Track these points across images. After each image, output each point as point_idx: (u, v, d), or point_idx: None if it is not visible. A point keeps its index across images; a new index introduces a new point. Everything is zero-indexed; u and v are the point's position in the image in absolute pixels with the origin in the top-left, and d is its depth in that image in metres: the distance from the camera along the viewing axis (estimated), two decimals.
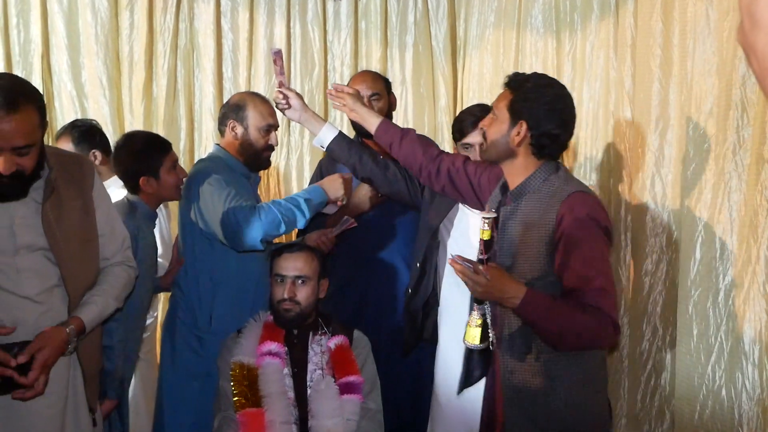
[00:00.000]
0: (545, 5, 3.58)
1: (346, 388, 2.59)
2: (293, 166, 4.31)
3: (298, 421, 2.55)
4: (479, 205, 2.53)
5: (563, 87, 2.21)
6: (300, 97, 2.79)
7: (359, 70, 4.19)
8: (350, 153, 2.75)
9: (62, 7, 3.91)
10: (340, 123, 4.09)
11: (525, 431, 2.14)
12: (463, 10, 4.38)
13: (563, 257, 2.06)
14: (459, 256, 2.09)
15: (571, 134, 2.21)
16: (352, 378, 2.61)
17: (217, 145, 2.97)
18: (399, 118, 4.19)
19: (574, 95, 3.12)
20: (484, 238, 2.07)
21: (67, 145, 3.28)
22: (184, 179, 2.85)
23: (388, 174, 2.79)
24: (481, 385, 2.38)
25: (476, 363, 2.38)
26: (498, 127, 2.19)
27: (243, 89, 4.12)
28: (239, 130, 2.90)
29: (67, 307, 2.20)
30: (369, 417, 2.61)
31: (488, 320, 2.21)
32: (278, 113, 2.88)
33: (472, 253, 2.14)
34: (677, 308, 2.41)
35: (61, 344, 2.11)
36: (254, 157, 2.93)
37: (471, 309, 2.24)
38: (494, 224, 2.11)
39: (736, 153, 2.18)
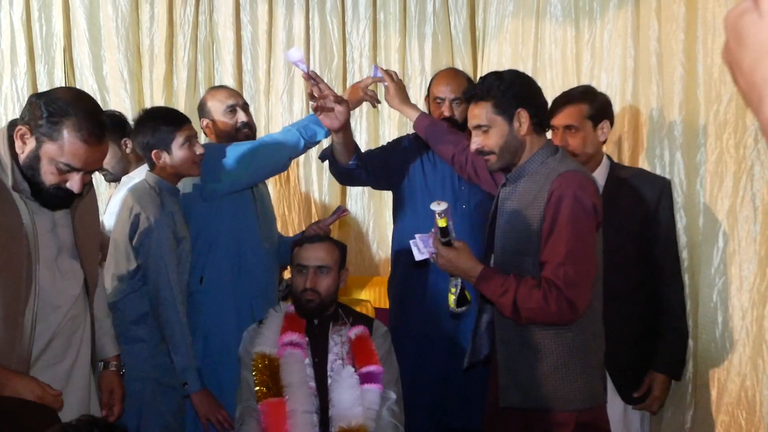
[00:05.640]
0: None
1: (366, 378, 2.61)
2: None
3: (319, 410, 2.58)
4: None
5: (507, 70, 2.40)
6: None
7: (378, 61, 4.19)
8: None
9: (83, 1, 3.94)
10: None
11: (514, 397, 2.27)
12: None
13: (545, 235, 2.17)
14: (419, 236, 2.35)
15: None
16: (372, 368, 2.63)
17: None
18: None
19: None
20: (441, 226, 2.26)
21: None
22: (200, 154, 2.84)
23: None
24: None
25: (483, 341, 2.49)
26: (498, 132, 2.28)
27: (262, 81, 4.15)
28: (210, 124, 3.03)
29: (87, 305, 2.25)
30: (389, 406, 2.63)
31: (462, 287, 2.39)
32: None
33: None
34: (699, 297, 2.40)
35: (119, 380, 2.46)
36: (233, 142, 2.98)
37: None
38: (447, 213, 2.26)
39: (758, 140, 2.16)
